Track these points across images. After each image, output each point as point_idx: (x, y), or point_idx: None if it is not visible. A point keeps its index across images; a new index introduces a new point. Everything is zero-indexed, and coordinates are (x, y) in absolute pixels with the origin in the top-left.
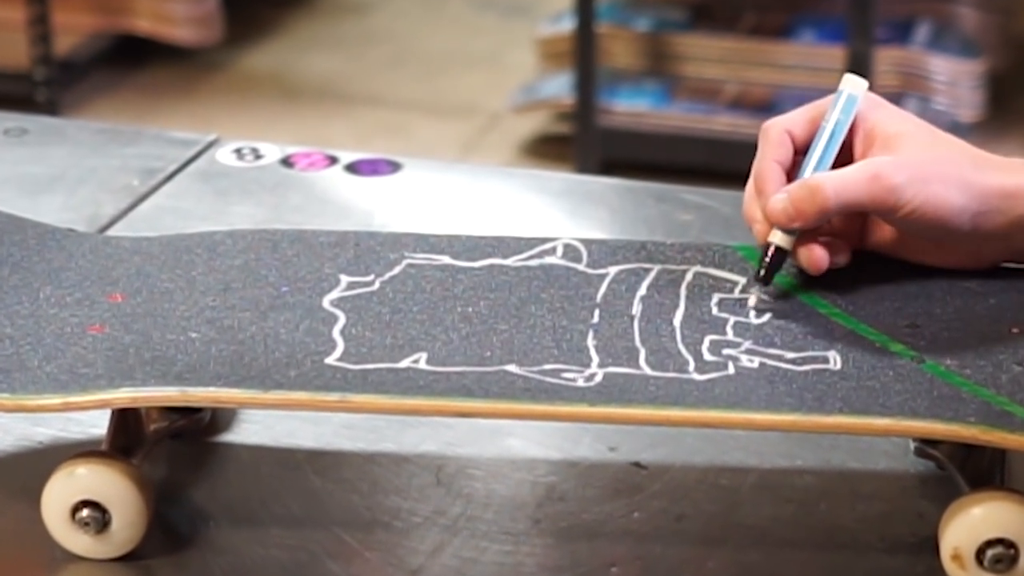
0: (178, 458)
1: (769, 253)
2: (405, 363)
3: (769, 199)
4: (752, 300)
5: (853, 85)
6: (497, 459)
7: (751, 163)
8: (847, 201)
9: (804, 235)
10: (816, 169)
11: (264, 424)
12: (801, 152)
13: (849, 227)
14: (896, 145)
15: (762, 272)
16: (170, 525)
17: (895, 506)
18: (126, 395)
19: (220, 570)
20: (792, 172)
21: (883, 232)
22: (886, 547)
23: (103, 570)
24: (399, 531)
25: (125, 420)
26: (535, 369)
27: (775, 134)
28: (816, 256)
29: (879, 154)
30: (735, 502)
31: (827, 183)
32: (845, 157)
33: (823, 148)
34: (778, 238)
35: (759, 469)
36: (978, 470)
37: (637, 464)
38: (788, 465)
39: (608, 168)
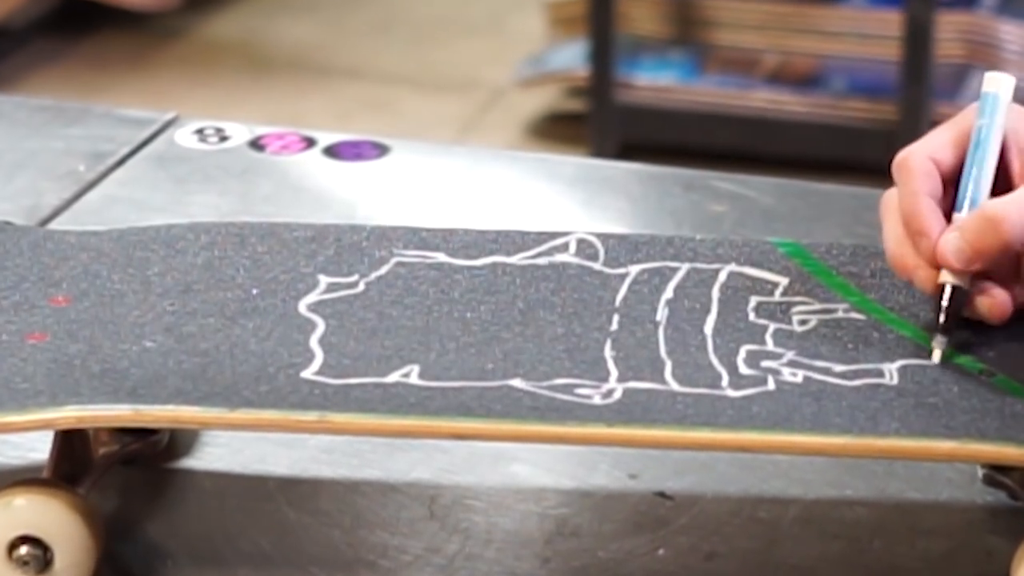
0: (131, 487)
1: (946, 297)
2: (394, 377)
3: (931, 240)
4: (937, 355)
5: (996, 83)
6: (500, 488)
7: (792, 145)
8: None
9: (975, 277)
10: (977, 190)
11: (230, 448)
12: (951, 182)
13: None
14: None
15: (943, 321)
16: (122, 564)
17: (960, 542)
18: (71, 414)
19: None
20: (944, 205)
21: None
22: None
23: None
24: (386, 571)
25: (70, 443)
26: (544, 384)
27: (919, 163)
28: (1000, 301)
29: None
30: (775, 538)
31: (1010, 211)
32: (1000, 182)
33: (980, 166)
34: (952, 278)
35: (803, 500)
36: None
37: (661, 494)
38: (836, 496)
39: (628, 151)
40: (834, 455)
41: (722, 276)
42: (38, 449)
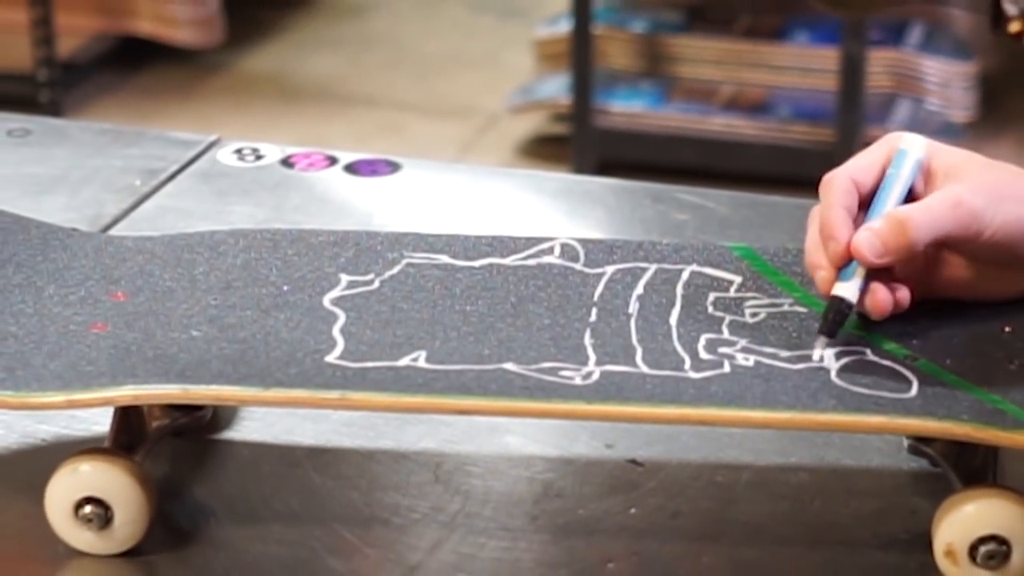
0: (180, 455)
1: (836, 306)
2: (404, 361)
3: (839, 244)
4: (817, 354)
5: (910, 143)
6: (495, 456)
7: (745, 163)
8: (935, 232)
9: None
10: (880, 214)
11: (264, 421)
12: (868, 201)
13: (910, 270)
14: (958, 174)
15: (828, 326)
16: (172, 521)
17: (888, 503)
18: (129, 393)
19: (221, 566)
20: (859, 221)
21: (953, 270)
22: (880, 543)
23: (105, 566)
24: (398, 527)
25: (127, 418)
26: (533, 367)
27: (840, 182)
28: (879, 298)
29: (945, 186)
30: (730, 499)
31: (914, 215)
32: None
33: (886, 200)
34: (842, 290)
35: (754, 466)
36: (971, 467)
37: (633, 461)
38: (782, 462)
39: (605, 168)
40: (781, 428)
41: (685, 275)
42: (100, 423)
